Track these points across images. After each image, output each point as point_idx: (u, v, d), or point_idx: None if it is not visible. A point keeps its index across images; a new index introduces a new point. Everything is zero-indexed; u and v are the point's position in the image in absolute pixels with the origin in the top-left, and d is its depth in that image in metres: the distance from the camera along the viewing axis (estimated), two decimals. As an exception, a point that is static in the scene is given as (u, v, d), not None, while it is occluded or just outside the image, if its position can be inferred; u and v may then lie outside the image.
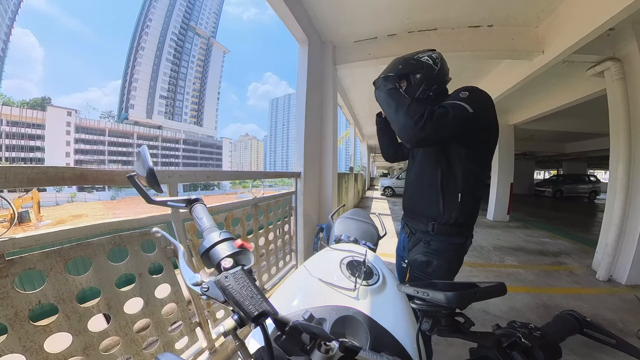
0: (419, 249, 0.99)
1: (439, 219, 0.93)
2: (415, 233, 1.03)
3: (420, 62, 0.96)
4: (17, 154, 60.11)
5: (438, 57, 0.98)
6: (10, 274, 0.71)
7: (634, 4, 1.76)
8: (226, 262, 0.40)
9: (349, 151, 10.91)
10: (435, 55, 0.98)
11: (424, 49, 1.03)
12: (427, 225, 0.96)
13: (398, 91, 0.87)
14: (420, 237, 1.00)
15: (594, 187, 13.06)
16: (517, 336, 0.40)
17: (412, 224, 1.05)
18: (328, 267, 0.74)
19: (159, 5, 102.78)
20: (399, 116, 0.80)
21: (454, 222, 0.91)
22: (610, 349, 0.41)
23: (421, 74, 0.95)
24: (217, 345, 1.36)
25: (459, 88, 0.86)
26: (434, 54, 0.99)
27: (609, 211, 2.84)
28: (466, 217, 0.92)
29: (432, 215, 0.95)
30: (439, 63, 0.97)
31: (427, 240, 0.96)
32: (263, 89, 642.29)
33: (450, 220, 0.91)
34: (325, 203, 3.06)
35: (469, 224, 0.94)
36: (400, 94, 0.86)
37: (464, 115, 0.78)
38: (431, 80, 0.95)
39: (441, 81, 0.98)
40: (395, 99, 0.84)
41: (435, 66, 0.95)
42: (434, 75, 0.95)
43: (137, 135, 79.38)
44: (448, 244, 0.94)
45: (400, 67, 0.98)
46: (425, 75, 0.95)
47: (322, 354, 0.33)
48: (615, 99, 2.78)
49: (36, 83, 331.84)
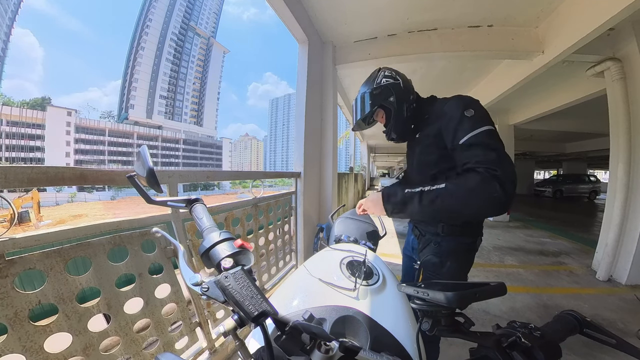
0: (430, 250, 0.97)
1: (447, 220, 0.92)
2: (425, 235, 1.01)
3: (383, 86, 0.92)
4: (17, 154, 60.12)
5: (390, 71, 0.95)
6: (10, 274, 0.71)
7: (634, 4, 1.76)
8: (226, 262, 0.40)
9: (349, 151, 10.91)
10: (386, 72, 0.95)
11: (369, 76, 0.99)
12: (436, 227, 0.94)
13: (426, 192, 0.71)
14: (430, 239, 0.98)
15: (594, 187, 13.06)
16: (517, 336, 0.40)
17: (422, 227, 1.03)
18: (328, 267, 0.74)
19: (159, 5, 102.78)
20: (472, 208, 0.66)
21: (463, 222, 0.90)
22: (610, 349, 0.41)
23: (392, 95, 0.91)
24: (217, 345, 1.36)
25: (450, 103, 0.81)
26: (384, 72, 0.95)
27: (609, 211, 2.84)
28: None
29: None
30: (395, 75, 0.94)
31: (438, 241, 0.94)
32: (263, 89, 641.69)
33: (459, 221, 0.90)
34: (325, 203, 3.05)
35: (477, 223, 0.94)
36: (434, 192, 0.70)
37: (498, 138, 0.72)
38: (405, 94, 0.92)
39: (411, 88, 0.96)
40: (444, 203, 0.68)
41: (395, 80, 0.92)
42: (403, 89, 0.92)
43: (137, 135, 79.41)
44: (458, 244, 0.92)
45: (370, 103, 0.93)
46: (398, 95, 0.91)
47: (322, 354, 0.33)
48: (615, 99, 2.78)
49: (36, 83, 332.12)
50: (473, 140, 0.71)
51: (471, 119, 0.74)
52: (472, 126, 0.73)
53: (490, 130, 0.72)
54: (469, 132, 0.72)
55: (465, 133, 0.73)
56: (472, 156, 0.70)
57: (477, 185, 0.64)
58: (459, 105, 0.78)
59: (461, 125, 0.75)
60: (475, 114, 0.75)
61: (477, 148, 0.70)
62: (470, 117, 0.74)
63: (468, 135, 0.72)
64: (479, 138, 0.71)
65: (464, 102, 0.79)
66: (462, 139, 0.73)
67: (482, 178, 0.65)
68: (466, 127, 0.73)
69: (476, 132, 0.71)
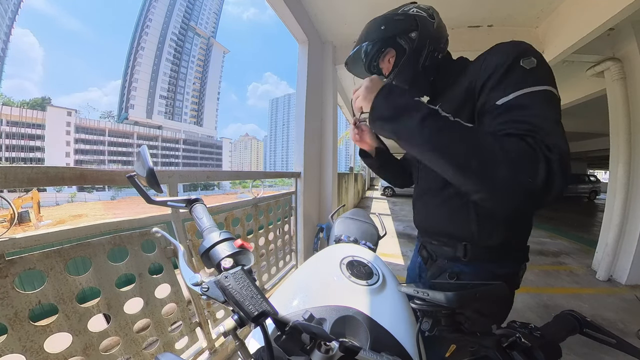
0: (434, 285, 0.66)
1: (473, 239, 0.64)
2: (437, 259, 0.73)
3: (410, 15, 0.66)
4: (17, 154, 60.14)
5: (429, 7, 0.69)
6: (10, 274, 0.71)
7: (634, 4, 1.76)
8: (226, 262, 0.40)
9: (349, 151, 10.92)
10: (424, 5, 0.69)
11: (402, 4, 0.72)
12: (455, 249, 0.66)
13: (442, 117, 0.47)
14: (443, 267, 0.70)
15: (594, 187, 13.06)
16: (517, 336, 0.40)
17: (432, 248, 0.76)
18: (328, 267, 0.74)
19: (159, 5, 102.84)
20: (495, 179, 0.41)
21: (499, 242, 0.61)
22: (610, 349, 0.41)
23: (417, 31, 0.65)
24: (217, 345, 1.36)
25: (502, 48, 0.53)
26: (421, 5, 0.69)
27: (609, 211, 2.84)
28: (516, 232, 0.63)
29: (461, 234, 0.65)
30: (433, 14, 0.67)
31: (456, 271, 0.67)
32: (263, 89, 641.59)
33: (492, 240, 0.62)
34: (325, 203, 3.05)
35: (521, 243, 0.65)
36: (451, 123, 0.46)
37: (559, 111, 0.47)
38: (434, 37, 0.66)
39: (444, 39, 0.69)
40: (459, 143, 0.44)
41: (431, 19, 0.66)
42: (435, 30, 0.66)
43: (137, 135, 79.44)
44: (489, 276, 0.63)
45: (382, 29, 0.67)
46: (424, 33, 0.64)
47: (322, 354, 0.33)
48: (615, 99, 2.78)
49: (36, 83, 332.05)
50: (524, 101, 0.45)
51: (530, 71, 0.47)
52: (528, 81, 0.46)
53: (552, 94, 0.46)
54: (521, 88, 0.46)
55: (514, 88, 0.47)
56: (517, 121, 0.45)
57: (517, 153, 0.41)
58: (513, 49, 0.51)
59: (510, 75, 0.48)
60: (538, 67, 0.48)
61: (528, 110, 0.45)
62: (529, 70, 0.47)
63: (518, 93, 0.46)
64: (536, 99, 0.45)
65: (522, 46, 0.51)
66: (506, 97, 0.47)
67: (528, 148, 0.41)
68: (518, 80, 0.47)
69: (532, 90, 0.46)
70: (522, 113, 0.45)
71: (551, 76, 0.49)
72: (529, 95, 0.46)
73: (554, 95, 0.47)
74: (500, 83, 0.49)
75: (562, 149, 0.41)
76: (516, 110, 0.46)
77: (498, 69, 0.50)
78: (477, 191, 0.44)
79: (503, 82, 0.49)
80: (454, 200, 0.66)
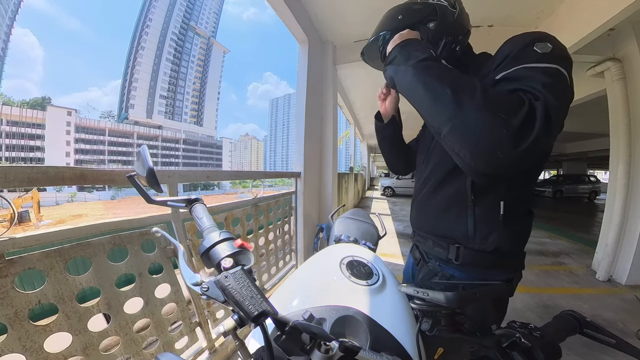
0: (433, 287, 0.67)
1: (467, 242, 0.62)
2: (428, 261, 0.72)
3: (430, 5, 0.64)
4: (17, 153, 60.14)
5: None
6: (10, 273, 0.71)
7: (634, 4, 1.76)
8: (226, 262, 0.40)
9: (349, 151, 10.91)
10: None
11: None
12: (447, 251, 0.64)
13: (441, 63, 0.50)
14: (435, 269, 0.69)
15: (594, 187, 13.06)
16: (517, 336, 0.40)
17: (425, 247, 0.75)
18: (328, 267, 0.74)
19: (159, 5, 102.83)
20: (464, 110, 0.42)
21: (494, 247, 0.59)
22: (610, 349, 0.41)
23: (435, 21, 0.63)
24: (217, 345, 1.36)
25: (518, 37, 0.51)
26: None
27: (609, 211, 2.84)
28: (514, 239, 0.60)
29: (455, 236, 0.64)
30: (455, 3, 0.65)
31: (446, 275, 0.65)
32: (263, 89, 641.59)
33: (487, 245, 0.59)
34: (325, 203, 3.06)
35: (517, 250, 0.63)
36: (446, 67, 0.49)
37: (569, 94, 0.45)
38: (454, 27, 0.64)
39: (465, 30, 0.67)
40: (443, 78, 0.46)
41: (452, 8, 0.64)
42: (454, 21, 0.64)
43: (137, 135, 79.45)
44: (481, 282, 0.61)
45: (400, 19, 0.66)
46: (443, 22, 0.63)
47: (322, 354, 0.33)
48: (615, 100, 2.78)
49: (36, 83, 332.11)
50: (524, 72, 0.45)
51: (542, 54, 0.45)
52: (538, 58, 0.45)
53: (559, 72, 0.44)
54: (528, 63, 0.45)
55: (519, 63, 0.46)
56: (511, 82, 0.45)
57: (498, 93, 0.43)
58: (529, 36, 0.49)
59: (520, 57, 0.47)
60: (554, 51, 0.46)
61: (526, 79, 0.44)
62: (541, 53, 0.45)
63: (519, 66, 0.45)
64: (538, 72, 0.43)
65: (539, 33, 0.49)
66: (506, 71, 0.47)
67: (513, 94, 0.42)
68: (527, 59, 0.46)
69: (535, 65, 0.44)
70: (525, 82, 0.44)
71: (566, 61, 0.46)
72: (529, 68, 0.44)
73: (561, 73, 0.44)
74: (507, 65, 0.48)
75: (551, 103, 0.40)
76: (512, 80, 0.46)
77: (511, 54, 0.49)
78: (447, 121, 0.43)
79: (509, 63, 0.48)
80: (453, 199, 0.64)
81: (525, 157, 0.40)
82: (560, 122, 0.43)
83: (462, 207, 0.62)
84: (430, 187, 0.71)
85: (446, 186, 0.66)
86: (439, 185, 0.68)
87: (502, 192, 0.58)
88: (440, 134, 0.46)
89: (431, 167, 0.71)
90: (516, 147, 0.39)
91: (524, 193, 0.60)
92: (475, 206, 0.60)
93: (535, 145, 0.39)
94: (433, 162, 0.70)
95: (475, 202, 0.60)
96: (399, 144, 0.95)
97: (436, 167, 0.68)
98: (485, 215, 0.59)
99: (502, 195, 0.58)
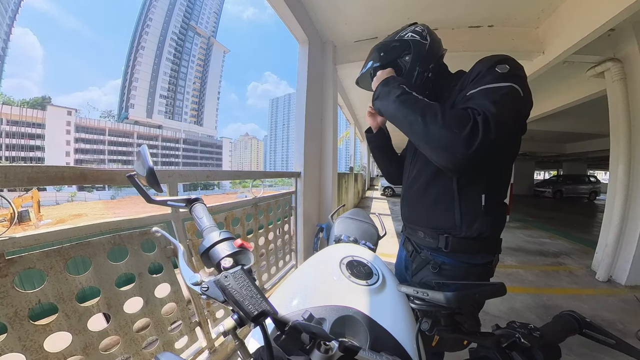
0: (426, 274, 0.78)
1: (454, 231, 0.71)
2: (421, 251, 0.81)
3: (405, 41, 0.79)
4: (17, 153, 60.14)
5: (424, 29, 0.80)
6: (10, 273, 0.71)
7: (635, 4, 1.76)
8: (226, 261, 0.40)
9: (349, 151, 10.91)
10: (419, 28, 0.81)
11: (404, 26, 0.85)
12: (437, 240, 0.74)
13: (412, 96, 0.64)
14: (427, 258, 0.78)
15: (594, 187, 13.07)
16: (516, 336, 0.40)
17: (416, 239, 0.83)
18: (328, 267, 0.74)
19: (159, 5, 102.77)
20: (431, 131, 0.56)
21: (478, 234, 0.69)
22: (610, 350, 0.41)
23: (410, 54, 0.78)
24: (217, 345, 1.36)
25: (485, 59, 0.64)
26: (417, 26, 0.81)
27: (609, 212, 2.84)
28: (493, 226, 0.70)
29: (444, 226, 0.73)
30: (426, 35, 0.79)
31: (438, 263, 0.75)
32: (263, 89, 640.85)
33: (472, 232, 0.69)
34: (325, 203, 3.06)
35: (496, 236, 0.73)
36: (417, 99, 0.63)
37: (518, 104, 0.58)
38: (425, 58, 0.78)
39: (437, 56, 0.80)
40: (415, 108, 0.60)
41: (424, 40, 0.78)
42: (426, 52, 0.77)
43: (137, 134, 79.45)
44: (468, 266, 0.72)
45: (382, 55, 0.82)
46: (416, 55, 0.77)
47: (322, 354, 0.33)
48: (615, 100, 2.78)
49: (36, 82, 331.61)
50: (484, 92, 0.57)
51: (501, 74, 0.58)
52: (495, 80, 0.58)
53: (513, 89, 0.56)
54: (487, 84, 0.58)
55: (481, 85, 0.59)
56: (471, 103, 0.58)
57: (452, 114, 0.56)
58: (492, 59, 0.62)
59: (485, 76, 0.60)
60: (510, 71, 0.59)
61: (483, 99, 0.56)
62: (500, 73, 0.58)
63: (483, 87, 0.58)
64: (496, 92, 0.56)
65: (501, 56, 0.62)
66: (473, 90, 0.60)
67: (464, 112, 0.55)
68: (488, 80, 0.59)
69: (494, 86, 0.57)
70: (477, 100, 0.57)
71: (520, 79, 0.59)
72: (490, 89, 0.57)
73: (514, 90, 0.57)
74: (475, 83, 0.61)
75: (489, 112, 0.53)
76: (475, 99, 0.58)
77: (480, 73, 0.62)
78: (421, 139, 0.60)
79: (477, 82, 0.61)
80: (441, 195, 0.74)
81: (477, 155, 0.53)
82: (501, 128, 0.54)
83: (450, 201, 0.72)
84: (421, 186, 0.80)
85: (435, 185, 0.76)
86: (428, 184, 0.78)
87: (482, 187, 0.70)
88: (419, 146, 0.63)
89: (418, 167, 0.82)
90: (468, 149, 0.53)
91: (499, 188, 0.72)
92: (461, 200, 0.71)
93: (482, 147, 0.53)
94: (420, 164, 0.82)
95: (461, 197, 0.71)
96: (390, 151, 1.07)
97: (423, 168, 0.80)
98: (469, 206, 0.70)
99: (483, 189, 0.69)
